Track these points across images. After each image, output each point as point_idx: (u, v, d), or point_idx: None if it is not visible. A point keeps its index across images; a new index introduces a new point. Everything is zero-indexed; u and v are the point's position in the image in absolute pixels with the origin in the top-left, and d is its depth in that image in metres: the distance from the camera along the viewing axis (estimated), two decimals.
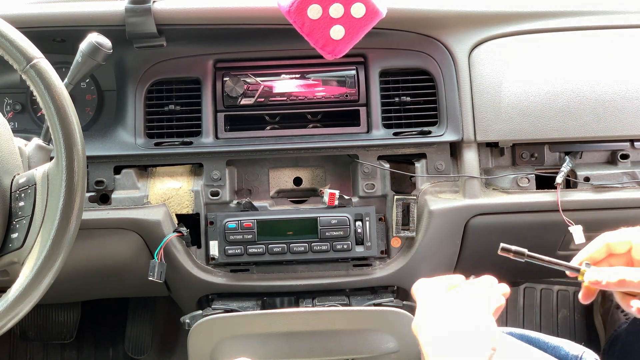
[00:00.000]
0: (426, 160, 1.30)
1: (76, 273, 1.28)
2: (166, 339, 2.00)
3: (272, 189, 1.35)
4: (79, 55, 1.13)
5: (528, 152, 1.32)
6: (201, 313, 1.23)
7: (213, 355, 1.18)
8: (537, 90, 1.28)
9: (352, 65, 1.32)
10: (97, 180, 1.29)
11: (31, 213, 0.94)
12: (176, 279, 1.32)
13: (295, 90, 1.31)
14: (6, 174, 0.99)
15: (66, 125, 0.91)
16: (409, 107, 1.32)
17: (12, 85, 1.37)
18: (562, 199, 1.26)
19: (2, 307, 0.90)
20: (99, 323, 2.02)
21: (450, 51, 1.31)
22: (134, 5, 1.23)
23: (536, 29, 1.33)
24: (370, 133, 1.30)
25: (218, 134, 1.31)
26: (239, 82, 1.30)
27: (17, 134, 1.09)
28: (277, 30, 1.27)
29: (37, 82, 0.92)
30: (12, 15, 1.23)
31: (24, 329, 1.96)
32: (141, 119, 1.30)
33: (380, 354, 1.18)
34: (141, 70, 1.31)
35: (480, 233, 1.30)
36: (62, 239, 0.90)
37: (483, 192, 1.30)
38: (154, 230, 1.26)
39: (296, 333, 1.18)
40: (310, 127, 1.34)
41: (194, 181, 1.30)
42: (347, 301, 1.26)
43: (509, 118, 1.28)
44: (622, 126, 1.27)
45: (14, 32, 0.94)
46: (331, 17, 1.17)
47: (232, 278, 1.31)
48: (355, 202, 1.30)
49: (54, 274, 0.91)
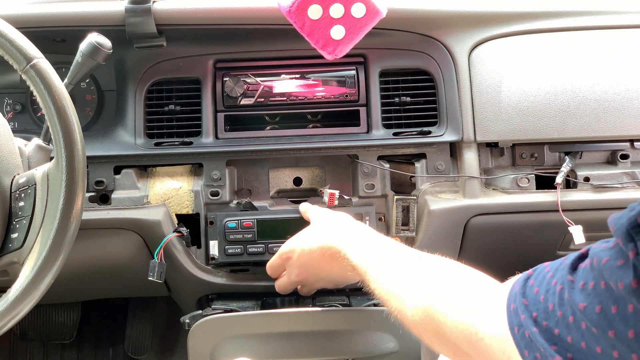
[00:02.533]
0: (426, 160, 1.31)
1: (76, 273, 1.28)
2: (166, 339, 2.00)
3: (272, 189, 1.35)
4: (79, 55, 1.13)
5: (528, 152, 1.32)
6: (201, 313, 1.23)
7: (213, 355, 1.18)
8: (537, 90, 1.28)
9: (352, 65, 1.32)
10: (97, 180, 1.29)
11: (31, 213, 0.94)
12: (176, 279, 1.32)
13: (295, 90, 1.31)
14: (6, 174, 0.99)
15: (66, 125, 0.91)
16: (409, 107, 1.32)
17: (12, 85, 1.37)
18: (562, 199, 1.26)
19: (2, 307, 0.90)
20: (99, 323, 2.02)
21: (450, 51, 1.31)
22: (134, 5, 1.23)
23: (536, 29, 1.33)
24: (370, 133, 1.30)
25: (218, 134, 1.31)
26: (239, 82, 1.30)
27: (17, 134, 1.09)
28: (277, 30, 1.27)
29: (37, 82, 0.92)
30: (12, 15, 1.23)
31: (24, 329, 1.96)
32: (141, 119, 1.30)
33: (380, 354, 1.18)
34: (141, 70, 1.31)
35: (480, 233, 1.30)
36: (62, 239, 0.90)
37: (483, 192, 1.30)
38: (154, 230, 1.26)
39: (296, 333, 1.18)
40: (310, 127, 1.34)
41: (194, 181, 1.30)
42: (347, 301, 1.26)
43: (509, 118, 1.28)
44: (622, 126, 1.27)
45: (14, 32, 0.94)
46: (331, 17, 1.17)
47: (232, 278, 1.31)
48: (355, 202, 1.31)
49: (54, 274, 0.91)
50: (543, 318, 0.66)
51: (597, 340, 0.60)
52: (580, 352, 0.62)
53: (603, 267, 0.59)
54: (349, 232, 1.08)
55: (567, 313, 0.63)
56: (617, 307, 0.58)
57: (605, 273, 0.59)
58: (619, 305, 0.58)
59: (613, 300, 0.58)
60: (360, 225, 1.12)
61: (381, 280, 0.94)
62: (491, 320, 0.73)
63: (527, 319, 0.67)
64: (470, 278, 0.83)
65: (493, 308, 0.73)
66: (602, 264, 0.60)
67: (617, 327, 0.58)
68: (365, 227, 1.11)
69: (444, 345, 0.81)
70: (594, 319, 0.60)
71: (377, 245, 1.01)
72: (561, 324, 0.64)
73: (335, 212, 1.19)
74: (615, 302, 0.58)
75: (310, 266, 1.12)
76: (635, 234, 0.57)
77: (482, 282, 0.82)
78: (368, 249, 1.01)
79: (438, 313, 0.80)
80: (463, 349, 0.77)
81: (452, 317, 0.77)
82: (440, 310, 0.80)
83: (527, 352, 0.67)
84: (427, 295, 0.83)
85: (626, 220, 0.58)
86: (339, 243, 1.06)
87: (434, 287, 0.83)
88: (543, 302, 0.66)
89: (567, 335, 0.63)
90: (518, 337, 0.68)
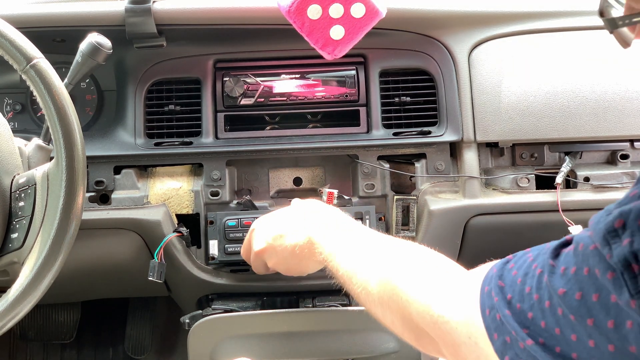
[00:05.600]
0: (426, 160, 1.31)
1: (76, 273, 1.28)
2: (166, 339, 2.00)
3: (272, 189, 1.35)
4: (79, 55, 1.12)
5: (528, 152, 1.32)
6: (201, 313, 1.23)
7: (213, 355, 1.18)
8: (537, 90, 1.28)
9: (352, 65, 1.32)
10: (97, 180, 1.29)
11: (31, 213, 0.94)
12: (176, 279, 1.32)
13: (295, 90, 1.31)
14: (6, 174, 0.99)
15: (66, 125, 0.91)
16: (409, 107, 1.32)
17: (12, 85, 1.37)
18: (562, 199, 1.26)
19: (2, 307, 0.90)
20: (99, 323, 2.02)
21: (450, 51, 1.31)
22: (134, 5, 1.23)
23: (536, 29, 1.33)
24: (370, 133, 1.30)
25: (218, 134, 1.31)
26: (239, 82, 1.30)
27: (17, 134, 1.09)
28: (277, 30, 1.27)
29: (37, 82, 0.92)
30: (12, 15, 1.23)
31: (24, 329, 1.96)
32: (141, 119, 1.30)
33: (380, 354, 1.18)
34: (141, 70, 1.31)
35: (480, 233, 1.30)
36: (62, 239, 0.90)
37: (483, 192, 1.30)
38: (154, 230, 1.26)
39: (296, 333, 1.18)
40: (310, 127, 1.34)
41: (194, 181, 1.30)
42: (347, 301, 1.26)
43: (509, 118, 1.28)
44: (622, 126, 1.27)
45: (14, 32, 0.94)
46: (331, 17, 1.17)
47: (232, 278, 1.31)
48: (355, 202, 1.30)
49: (54, 274, 0.91)
50: (518, 300, 0.64)
51: (573, 328, 0.59)
52: (553, 338, 0.61)
53: (590, 253, 0.58)
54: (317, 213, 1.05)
55: (543, 297, 0.61)
56: (598, 295, 0.57)
57: (590, 259, 0.58)
58: (601, 293, 0.56)
59: (595, 288, 0.57)
60: (329, 208, 1.07)
61: (344, 258, 0.92)
62: (459, 303, 0.71)
63: (500, 301, 0.66)
64: (440, 263, 0.82)
65: (462, 292, 0.72)
66: (589, 250, 0.58)
67: (597, 315, 0.57)
68: (334, 210, 1.06)
69: (407, 327, 0.80)
70: (573, 306, 0.58)
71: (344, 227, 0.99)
72: (536, 308, 0.62)
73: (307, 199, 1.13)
74: (597, 290, 0.57)
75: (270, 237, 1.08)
76: (611, 238, 0.56)
77: (452, 267, 0.80)
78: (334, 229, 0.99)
79: (405, 293, 0.78)
80: (426, 332, 0.75)
81: (419, 298, 0.76)
82: (406, 290, 0.78)
83: (496, 335, 0.65)
84: (395, 274, 0.81)
85: (603, 225, 0.57)
86: (304, 221, 1.04)
87: (402, 268, 0.82)
88: (520, 284, 0.65)
89: (540, 320, 0.61)
90: (489, 319, 0.66)
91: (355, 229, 1.00)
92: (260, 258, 1.12)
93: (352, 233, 0.98)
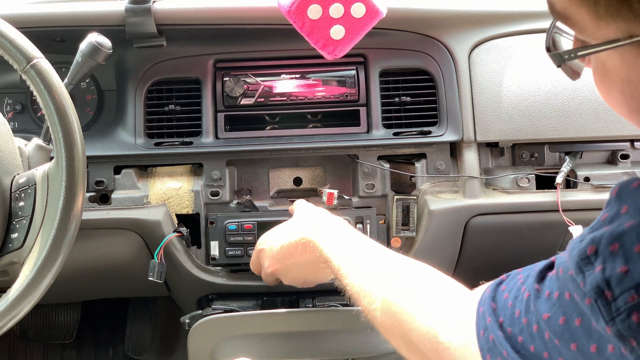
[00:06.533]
0: (426, 160, 1.30)
1: (76, 273, 1.28)
2: (166, 339, 2.00)
3: (272, 189, 1.35)
4: (79, 55, 1.12)
5: (528, 152, 1.32)
6: (201, 313, 1.23)
7: (213, 355, 1.18)
8: (537, 90, 1.28)
9: (352, 65, 1.32)
10: (97, 180, 1.29)
11: (31, 213, 0.94)
12: (176, 279, 1.32)
13: (295, 90, 1.31)
14: (6, 174, 0.99)
15: (66, 125, 0.91)
16: (409, 107, 1.32)
17: (12, 85, 1.37)
18: (562, 199, 1.26)
19: (2, 307, 0.90)
20: (99, 323, 2.02)
21: (450, 51, 1.31)
22: (134, 5, 1.23)
23: (536, 29, 1.32)
24: (370, 133, 1.30)
25: (218, 134, 1.31)
26: (239, 82, 1.30)
27: (17, 134, 1.09)
28: (277, 30, 1.27)
29: (37, 82, 0.92)
30: (12, 15, 1.23)
31: (24, 329, 1.96)
32: (141, 119, 1.30)
33: (380, 354, 1.18)
34: (141, 70, 1.31)
35: (480, 233, 1.30)
36: (62, 239, 0.90)
37: (483, 192, 1.30)
38: (154, 230, 1.26)
39: (296, 333, 1.18)
40: (310, 127, 1.34)
41: (194, 181, 1.30)
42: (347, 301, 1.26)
43: (509, 118, 1.28)
44: (622, 126, 1.27)
45: (14, 32, 0.94)
46: (331, 17, 1.17)
47: (232, 278, 1.31)
48: (356, 202, 1.30)
49: (54, 274, 0.91)
50: (508, 324, 0.65)
51: (559, 352, 0.59)
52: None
53: (569, 278, 0.58)
54: (324, 225, 1.06)
55: (531, 321, 0.62)
56: (581, 320, 0.57)
57: (570, 284, 0.58)
58: (583, 318, 0.57)
59: (577, 313, 0.57)
60: (336, 219, 1.08)
61: (353, 276, 0.93)
62: (458, 329, 0.72)
63: (492, 322, 0.67)
64: (442, 285, 0.83)
65: (459, 316, 0.73)
66: (568, 275, 0.58)
67: (579, 340, 0.57)
68: (342, 222, 1.07)
69: (411, 351, 0.81)
70: (557, 330, 0.59)
71: (351, 241, 1.00)
72: (525, 332, 0.63)
73: (314, 207, 1.15)
74: (579, 314, 0.57)
75: (282, 257, 1.09)
76: (584, 265, 0.56)
77: (453, 290, 0.81)
78: (342, 243, 1.00)
79: (407, 317, 0.79)
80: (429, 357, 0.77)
81: (420, 323, 0.77)
82: (408, 318, 0.79)
83: (489, 356, 0.66)
84: (398, 298, 0.82)
85: (577, 252, 0.57)
86: (312, 234, 1.04)
87: (406, 292, 0.83)
88: (510, 308, 0.66)
89: (530, 344, 0.62)
90: (482, 340, 0.67)
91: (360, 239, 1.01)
92: (274, 276, 1.14)
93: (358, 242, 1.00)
